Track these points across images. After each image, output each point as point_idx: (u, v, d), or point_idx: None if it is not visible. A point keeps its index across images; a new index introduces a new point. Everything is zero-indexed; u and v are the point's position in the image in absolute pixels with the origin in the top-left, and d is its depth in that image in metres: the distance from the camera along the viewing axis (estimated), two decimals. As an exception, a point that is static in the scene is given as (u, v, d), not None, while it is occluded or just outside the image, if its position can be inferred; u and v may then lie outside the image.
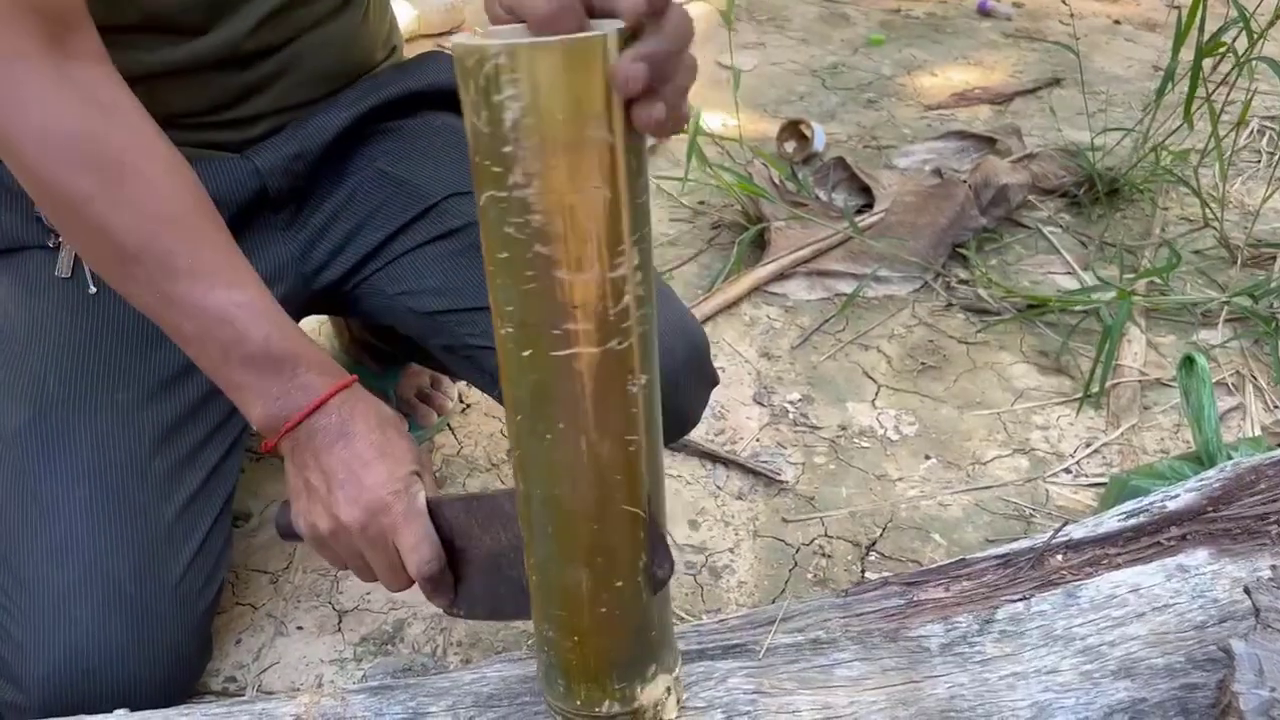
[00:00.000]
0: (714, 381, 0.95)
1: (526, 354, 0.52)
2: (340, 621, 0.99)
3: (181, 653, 0.81)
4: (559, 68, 0.45)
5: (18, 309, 0.86)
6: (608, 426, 0.55)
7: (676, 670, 0.69)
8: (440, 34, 2.48)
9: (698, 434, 1.25)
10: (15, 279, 0.87)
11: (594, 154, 0.48)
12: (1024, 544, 0.89)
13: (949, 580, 0.85)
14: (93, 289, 0.86)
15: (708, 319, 1.46)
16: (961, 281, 1.58)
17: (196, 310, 0.70)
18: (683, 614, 1.01)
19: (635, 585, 0.62)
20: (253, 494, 1.14)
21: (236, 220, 0.90)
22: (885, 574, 1.00)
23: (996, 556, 0.88)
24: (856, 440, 1.26)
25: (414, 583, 0.74)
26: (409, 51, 1.08)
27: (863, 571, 1.08)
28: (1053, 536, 0.87)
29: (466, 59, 0.46)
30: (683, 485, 1.18)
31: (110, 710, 0.72)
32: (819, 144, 1.95)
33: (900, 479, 1.21)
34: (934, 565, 0.88)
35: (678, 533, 1.11)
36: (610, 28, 0.47)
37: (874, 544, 1.11)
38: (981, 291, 1.53)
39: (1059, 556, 0.86)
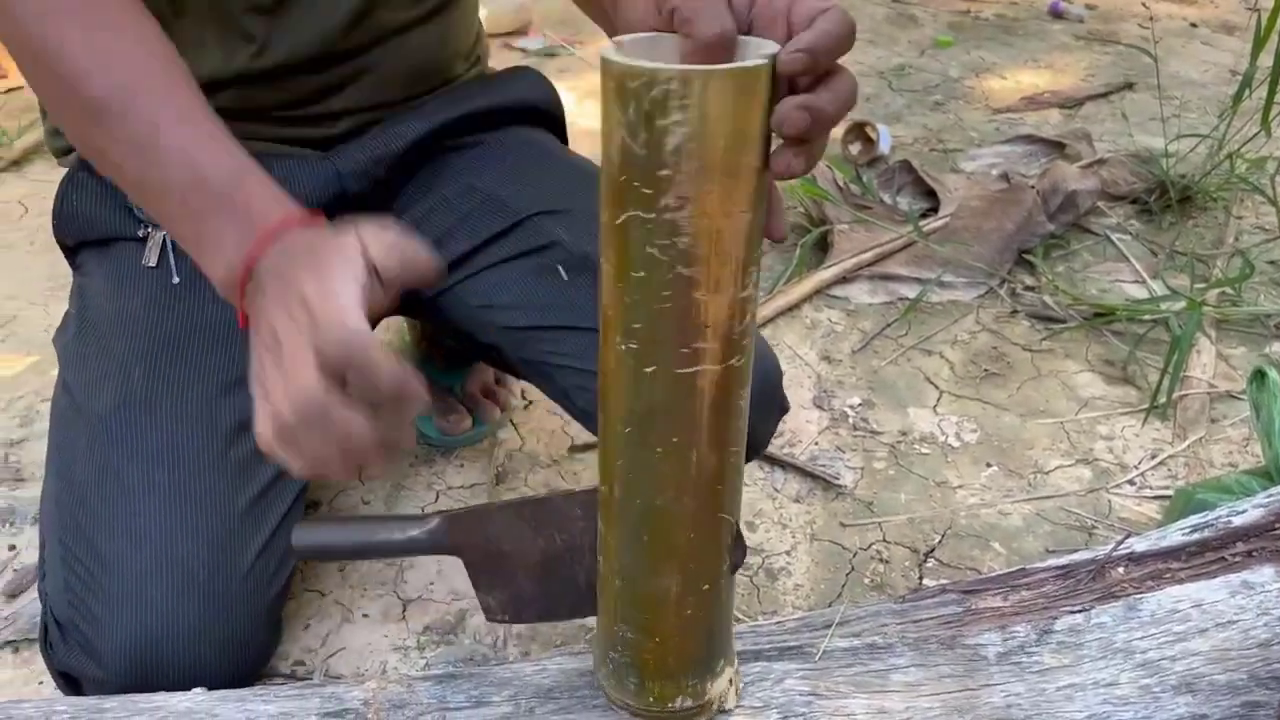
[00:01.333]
0: (784, 409, 0.95)
1: (649, 370, 0.53)
2: (404, 610, 1.02)
3: (250, 638, 0.84)
4: (730, 95, 0.46)
5: (109, 299, 0.90)
6: (718, 440, 0.57)
7: (736, 661, 0.71)
8: (508, 33, 2.51)
9: (757, 436, 1.26)
10: (108, 270, 0.91)
11: (747, 180, 0.49)
12: (1085, 555, 0.88)
13: (1007, 589, 0.85)
14: (176, 279, 0.89)
15: (769, 321, 1.47)
16: (1027, 288, 1.56)
17: (156, 150, 0.66)
18: (739, 614, 1.02)
19: (719, 588, 0.64)
20: (323, 484, 1.17)
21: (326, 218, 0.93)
22: (943, 581, 1.00)
23: (1057, 567, 0.87)
24: (917, 446, 1.26)
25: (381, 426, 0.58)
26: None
27: (920, 578, 1.08)
28: (1115, 548, 0.87)
29: (629, 79, 0.46)
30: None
31: (181, 688, 0.75)
32: (884, 146, 1.94)
33: (960, 486, 1.20)
34: (993, 574, 0.88)
35: (735, 533, 1.12)
36: (760, 50, 0.48)
37: (932, 551, 1.11)
38: (1047, 298, 1.52)
39: (1120, 569, 0.86)
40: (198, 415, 0.86)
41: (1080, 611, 0.80)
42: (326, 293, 0.56)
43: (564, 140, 1.10)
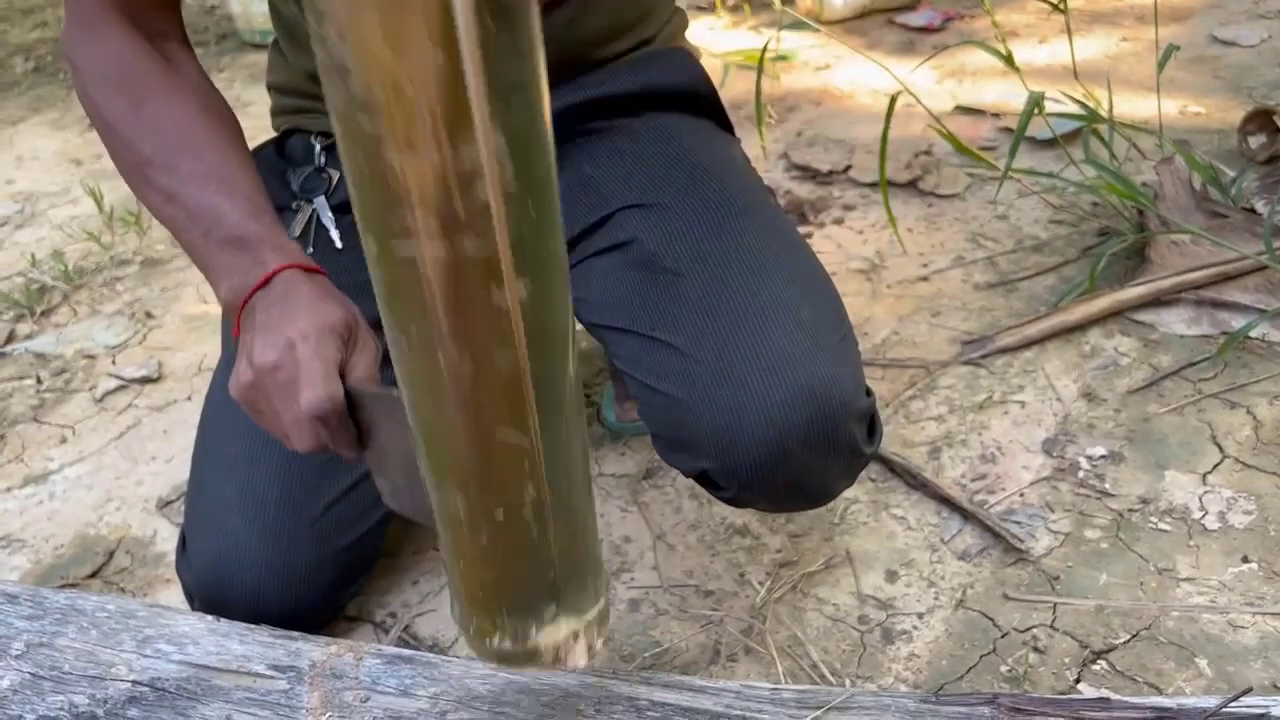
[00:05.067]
0: (856, 454, 0.81)
1: (372, 246, 0.46)
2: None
3: (312, 580, 0.90)
4: None
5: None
6: (467, 340, 0.47)
7: (590, 614, 0.60)
8: (893, 9, 2.37)
9: (948, 474, 1.09)
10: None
11: (415, 9, 0.38)
12: (1203, 701, 0.65)
13: (1068, 718, 0.66)
14: (310, 250, 0.97)
15: (1032, 343, 1.25)
16: None
17: (187, 200, 0.77)
18: (826, 671, 0.90)
19: (521, 519, 0.55)
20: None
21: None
22: (1103, 692, 0.80)
23: (1156, 708, 0.66)
24: (1154, 520, 1.00)
25: (324, 444, 0.71)
26: (862, 28, 1.02)
27: (1076, 681, 0.86)
28: (1229, 702, 0.63)
29: None
30: (901, 529, 1.03)
31: (247, 617, 0.83)
32: (1295, 140, 1.54)
33: (1190, 579, 0.94)
34: (1063, 696, 0.68)
35: (867, 581, 0.98)
36: None
37: (1108, 651, 0.89)
38: None
39: (1241, 736, 0.62)
40: None
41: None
42: (315, 355, 0.70)
43: (725, 124, 1.02)
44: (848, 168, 1.72)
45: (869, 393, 0.82)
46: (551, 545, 0.56)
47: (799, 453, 0.77)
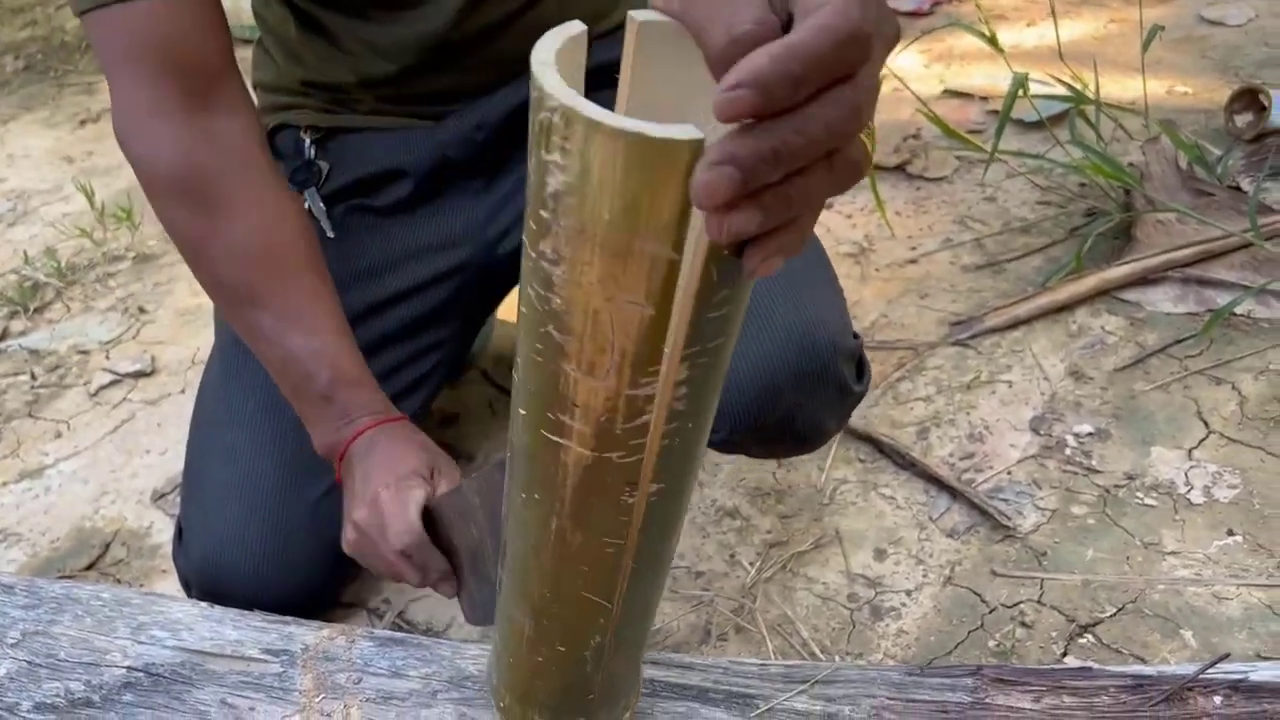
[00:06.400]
0: (845, 392, 0.82)
1: (523, 413, 0.45)
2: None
3: (311, 566, 0.91)
4: (620, 163, 0.33)
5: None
6: (587, 523, 0.48)
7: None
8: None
9: (936, 453, 1.09)
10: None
11: (645, 268, 0.36)
12: (1184, 669, 0.66)
13: (1051, 688, 0.67)
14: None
15: (1020, 323, 1.26)
16: None
17: (277, 346, 0.80)
18: (816, 648, 0.90)
19: (581, 657, 0.58)
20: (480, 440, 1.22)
21: (427, 186, 0.97)
22: (1089, 664, 0.81)
23: (1133, 676, 0.67)
24: (1140, 495, 1.01)
25: (430, 578, 0.78)
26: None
27: (1063, 654, 0.87)
28: (1207, 667, 0.64)
29: (538, 77, 0.34)
30: (890, 508, 1.04)
31: (245, 604, 0.84)
32: (1281, 119, 1.54)
33: (1175, 553, 0.95)
34: (1044, 666, 0.69)
35: (856, 559, 0.99)
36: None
37: (1094, 625, 0.90)
38: None
39: (1216, 699, 0.63)
40: None
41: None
42: (395, 500, 0.75)
43: None
44: (836, 153, 1.73)
45: (856, 335, 0.85)
46: (600, 679, 0.60)
47: (789, 392, 0.78)
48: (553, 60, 0.35)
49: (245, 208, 0.79)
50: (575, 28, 0.37)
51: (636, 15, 0.37)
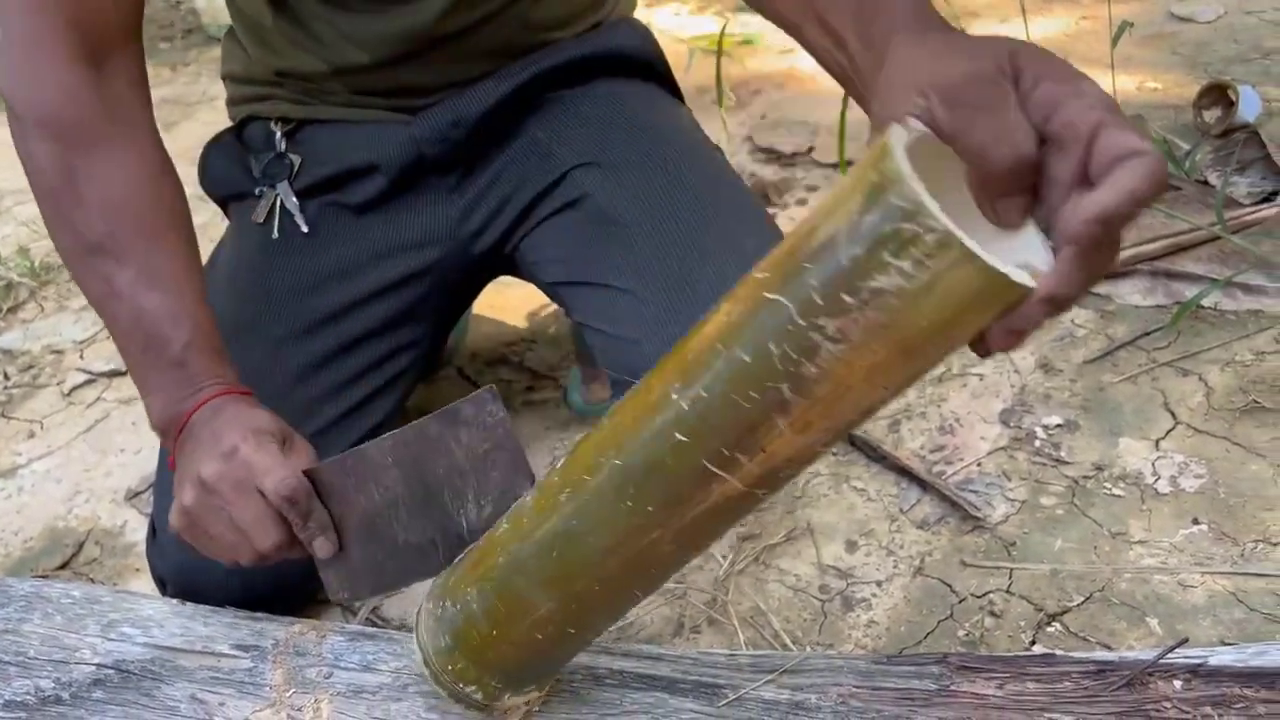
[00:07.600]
0: None
1: (684, 440, 0.47)
2: (473, 567, 1.04)
3: (287, 562, 0.91)
4: (968, 289, 0.38)
5: (229, 248, 1.02)
6: (689, 539, 0.52)
7: (546, 687, 0.67)
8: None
9: (907, 446, 1.10)
10: (234, 222, 1.03)
11: (916, 366, 0.42)
12: (1145, 654, 0.67)
13: (1015, 675, 0.68)
14: (275, 235, 0.98)
15: (991, 317, 1.27)
16: (1370, 302, 1.19)
17: (130, 304, 0.74)
18: (788, 639, 0.91)
19: (582, 639, 0.62)
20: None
21: (400, 182, 0.97)
22: (1055, 651, 0.81)
23: (1095, 662, 0.68)
24: (1108, 486, 1.03)
25: (293, 538, 0.71)
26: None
27: (1032, 643, 0.88)
28: (1166, 653, 0.65)
29: (892, 185, 0.38)
30: (861, 500, 1.05)
31: (220, 600, 0.84)
32: (1249, 114, 1.56)
33: (1142, 542, 0.96)
34: (1008, 654, 0.70)
35: (827, 551, 1.00)
36: (1034, 247, 0.41)
37: (1062, 614, 0.91)
38: (1391, 318, 1.14)
39: (1176, 683, 0.65)
40: (270, 353, 0.94)
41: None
42: (260, 449, 0.70)
43: (674, 90, 1.04)
44: (810, 149, 1.73)
45: None
46: (570, 656, 0.64)
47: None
48: (911, 168, 0.38)
49: (121, 158, 0.76)
50: (918, 128, 0.41)
51: (899, 130, 0.40)
